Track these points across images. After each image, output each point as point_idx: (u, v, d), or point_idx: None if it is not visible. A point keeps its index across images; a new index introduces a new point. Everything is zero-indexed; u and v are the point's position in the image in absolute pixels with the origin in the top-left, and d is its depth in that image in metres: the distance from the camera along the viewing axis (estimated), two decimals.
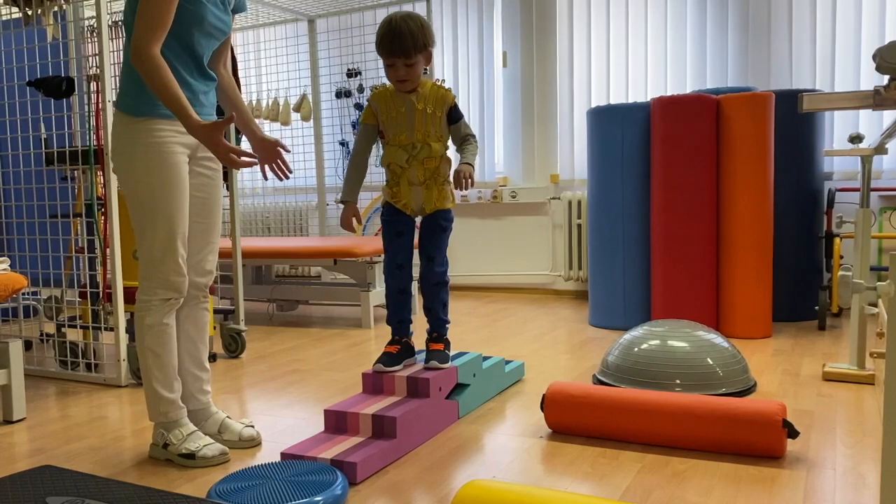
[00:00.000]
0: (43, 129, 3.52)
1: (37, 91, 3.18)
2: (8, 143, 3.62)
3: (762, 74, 4.49)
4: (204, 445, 2.04)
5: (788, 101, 3.78)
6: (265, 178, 2.25)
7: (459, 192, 2.29)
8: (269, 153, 2.20)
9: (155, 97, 1.92)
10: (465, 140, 2.33)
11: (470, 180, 2.22)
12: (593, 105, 4.95)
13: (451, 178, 2.28)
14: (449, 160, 2.38)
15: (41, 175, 3.71)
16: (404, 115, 2.29)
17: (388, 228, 2.39)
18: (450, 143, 2.41)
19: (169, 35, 1.95)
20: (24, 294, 3.81)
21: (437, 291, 2.40)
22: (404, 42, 2.17)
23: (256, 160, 1.92)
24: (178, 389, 2.10)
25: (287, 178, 2.24)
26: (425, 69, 2.31)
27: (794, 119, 3.84)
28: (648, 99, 4.53)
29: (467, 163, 2.26)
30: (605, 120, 3.86)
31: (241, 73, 5.56)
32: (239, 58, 5.88)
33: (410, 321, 2.46)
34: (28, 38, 3.78)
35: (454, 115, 2.33)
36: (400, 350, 2.38)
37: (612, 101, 4.89)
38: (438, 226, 2.36)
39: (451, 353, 2.60)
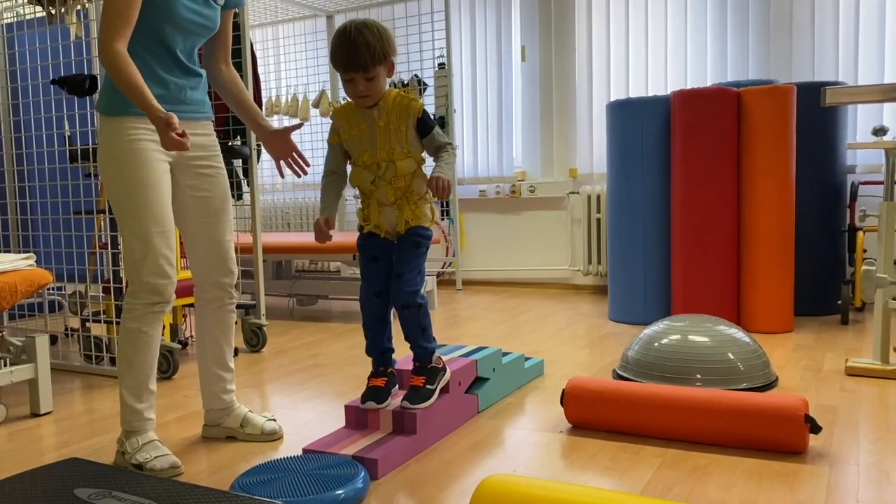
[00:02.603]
0: (67, 127, 3.57)
1: (60, 89, 3.22)
2: (33, 140, 3.67)
3: (784, 67, 4.45)
4: (155, 457, 1.94)
5: (811, 93, 3.74)
6: (282, 176, 2.24)
7: (437, 201, 2.07)
8: (282, 147, 2.21)
9: (125, 96, 1.87)
10: (440, 149, 2.08)
11: (447, 189, 1.98)
12: (612, 99, 4.93)
13: (428, 191, 2.06)
14: (424, 175, 2.13)
15: (65, 172, 3.76)
16: (366, 132, 2.07)
17: (362, 254, 2.18)
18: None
19: (142, 31, 1.92)
20: (49, 289, 3.86)
21: (409, 316, 2.11)
22: (360, 55, 1.95)
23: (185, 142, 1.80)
24: (147, 400, 2.01)
25: (305, 174, 2.23)
26: (403, 84, 2.18)
27: (817, 112, 3.80)
28: (668, 92, 4.50)
29: (441, 172, 2.01)
30: (625, 113, 3.84)
31: (260, 70, 5.60)
32: (258, 54, 5.91)
33: (392, 350, 2.22)
34: (52, 36, 3.82)
35: (423, 127, 2.07)
36: (387, 382, 2.16)
37: (632, 95, 4.87)
38: (411, 242, 2.11)
39: (471, 346, 2.61)
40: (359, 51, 1.95)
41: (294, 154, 2.23)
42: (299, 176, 2.23)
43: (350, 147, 2.12)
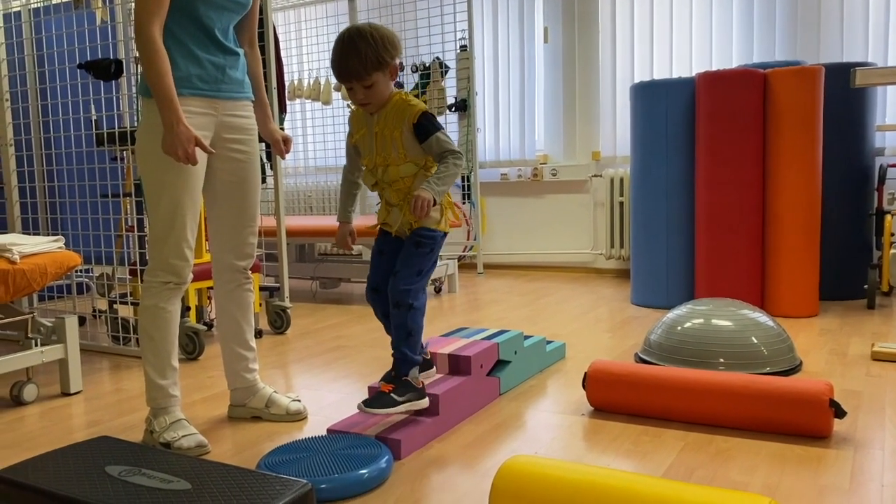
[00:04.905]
0: (93, 111, 3.61)
1: (87, 73, 3.26)
2: (60, 124, 3.71)
3: (811, 47, 4.37)
4: (182, 436, 1.98)
5: (839, 74, 3.68)
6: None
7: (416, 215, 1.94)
8: (277, 149, 2.31)
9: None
10: (441, 159, 1.97)
11: (425, 209, 1.89)
12: (636, 80, 4.89)
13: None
14: (428, 178, 2.01)
15: (92, 156, 3.81)
16: (366, 136, 2.06)
17: (374, 246, 2.16)
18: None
19: (176, 8, 1.92)
20: (77, 272, 3.92)
21: (398, 315, 2.00)
22: (351, 64, 1.92)
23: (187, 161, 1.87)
24: (171, 376, 2.04)
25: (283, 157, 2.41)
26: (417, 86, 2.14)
27: (845, 93, 3.73)
28: (693, 74, 4.45)
29: (426, 189, 1.91)
30: (649, 95, 3.80)
31: (282, 53, 5.61)
32: (281, 37, 5.92)
33: None
34: (78, 21, 3.86)
35: (421, 133, 1.97)
36: None
37: (656, 77, 4.81)
38: (413, 242, 2.04)
39: (493, 329, 2.61)
40: (350, 60, 1.92)
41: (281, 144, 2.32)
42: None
43: (359, 148, 2.12)
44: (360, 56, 1.91)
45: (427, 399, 2.05)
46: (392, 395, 1.97)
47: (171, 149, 1.86)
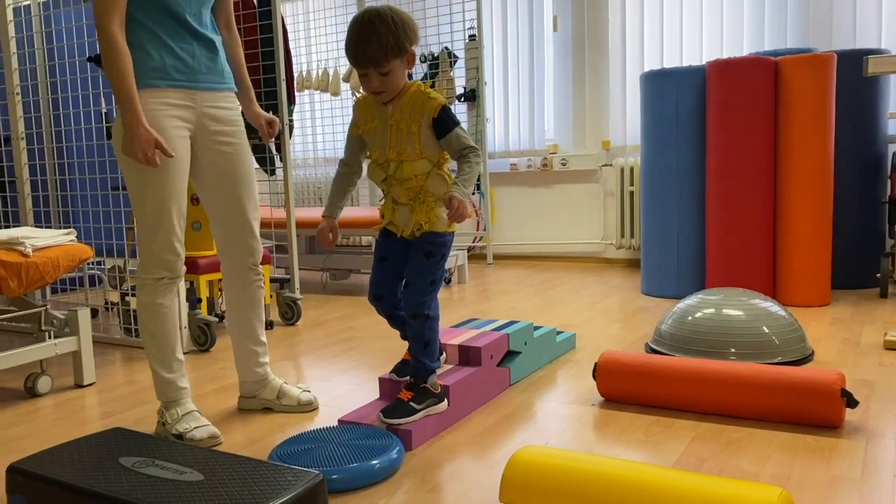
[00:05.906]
0: (103, 104, 3.62)
1: (96, 67, 3.26)
2: (71, 117, 3.73)
3: (823, 34, 4.33)
4: (194, 427, 1.99)
5: (851, 61, 3.64)
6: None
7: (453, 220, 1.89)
8: (262, 132, 2.28)
9: (141, 68, 1.85)
10: (461, 156, 1.90)
11: (462, 213, 1.83)
12: (646, 69, 4.85)
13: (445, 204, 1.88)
14: (441, 176, 1.95)
15: (102, 149, 3.82)
16: (378, 128, 1.95)
17: (376, 251, 2.09)
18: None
19: None
20: (89, 264, 3.95)
21: (415, 326, 1.98)
22: (370, 49, 1.81)
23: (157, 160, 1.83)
24: (177, 369, 2.05)
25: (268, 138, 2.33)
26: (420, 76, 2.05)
27: (857, 80, 3.70)
28: (704, 62, 4.42)
29: (459, 192, 1.83)
30: (659, 84, 3.78)
31: (290, 44, 5.60)
32: (289, 28, 5.91)
33: None
34: (87, 14, 3.86)
35: (440, 128, 1.89)
36: None
37: (666, 65, 4.78)
38: (422, 250, 1.97)
39: (503, 320, 2.61)
40: (369, 44, 1.81)
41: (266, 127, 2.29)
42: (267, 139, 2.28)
43: (367, 140, 2.02)
44: (381, 41, 1.80)
45: (446, 402, 2.05)
46: (411, 403, 1.97)
47: (131, 151, 1.82)
